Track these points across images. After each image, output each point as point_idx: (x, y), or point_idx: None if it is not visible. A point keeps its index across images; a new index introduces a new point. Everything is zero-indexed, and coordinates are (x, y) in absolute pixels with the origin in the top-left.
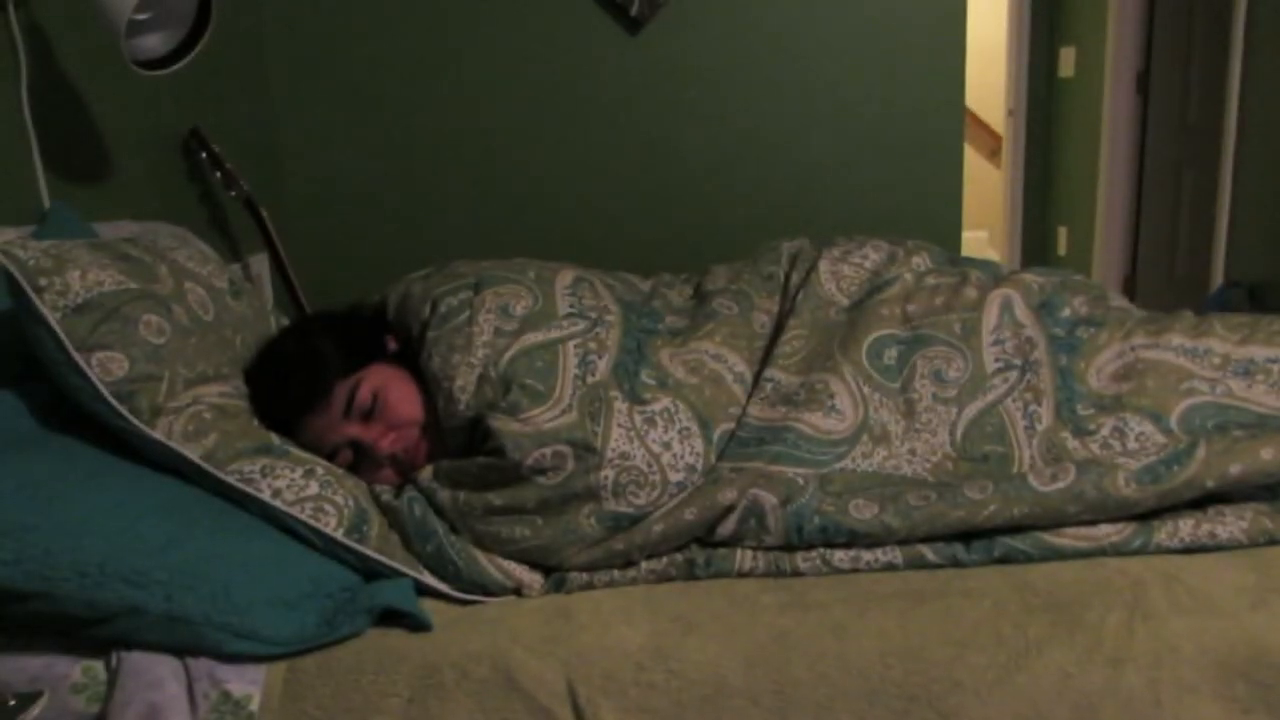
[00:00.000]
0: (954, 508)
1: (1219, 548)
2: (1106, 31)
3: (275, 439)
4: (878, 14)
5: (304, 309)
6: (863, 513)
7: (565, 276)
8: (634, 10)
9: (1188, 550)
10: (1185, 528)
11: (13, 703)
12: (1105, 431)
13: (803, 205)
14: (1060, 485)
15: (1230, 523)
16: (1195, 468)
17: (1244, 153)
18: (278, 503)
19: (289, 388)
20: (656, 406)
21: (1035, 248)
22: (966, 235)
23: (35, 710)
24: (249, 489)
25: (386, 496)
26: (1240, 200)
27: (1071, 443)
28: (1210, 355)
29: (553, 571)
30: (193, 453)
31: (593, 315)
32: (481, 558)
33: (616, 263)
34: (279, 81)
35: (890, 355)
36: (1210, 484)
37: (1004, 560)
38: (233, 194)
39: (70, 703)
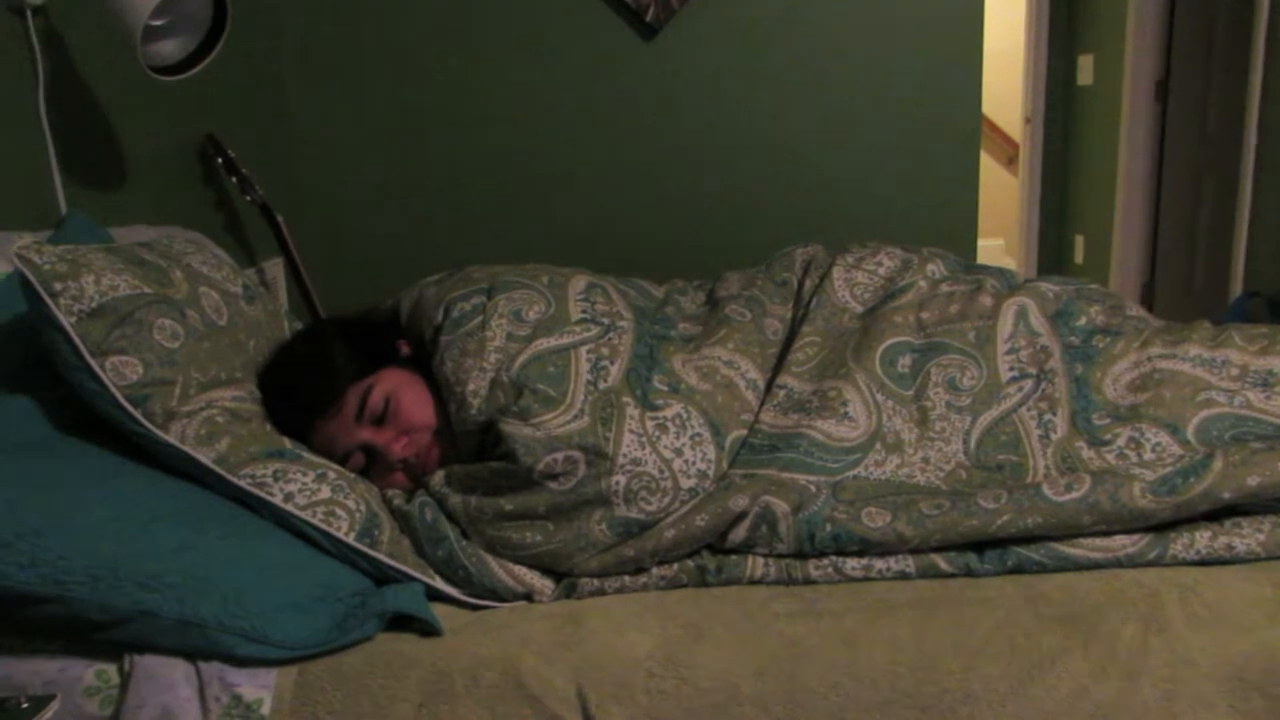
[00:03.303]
0: (967, 517)
1: (1236, 560)
2: (1125, 39)
3: (288, 443)
4: (894, 20)
5: (318, 313)
6: (875, 521)
7: (578, 282)
8: (649, 16)
9: (1204, 562)
10: (1201, 540)
11: (26, 705)
12: (1121, 442)
13: (817, 211)
14: (1075, 495)
15: (1247, 535)
16: (1212, 479)
17: (1264, 161)
18: (290, 507)
19: (302, 392)
20: (669, 412)
21: (1052, 256)
22: (982, 243)
23: (48, 713)
24: (261, 493)
25: (398, 501)
26: (1260, 209)
27: (1087, 453)
28: (1228, 366)
29: (564, 577)
30: (205, 457)
31: (605, 321)
32: (493, 563)
33: (630, 268)
34: (294, 87)
35: (904, 363)
36: (1227, 496)
37: (1018, 570)
38: (248, 199)
39: (83, 706)
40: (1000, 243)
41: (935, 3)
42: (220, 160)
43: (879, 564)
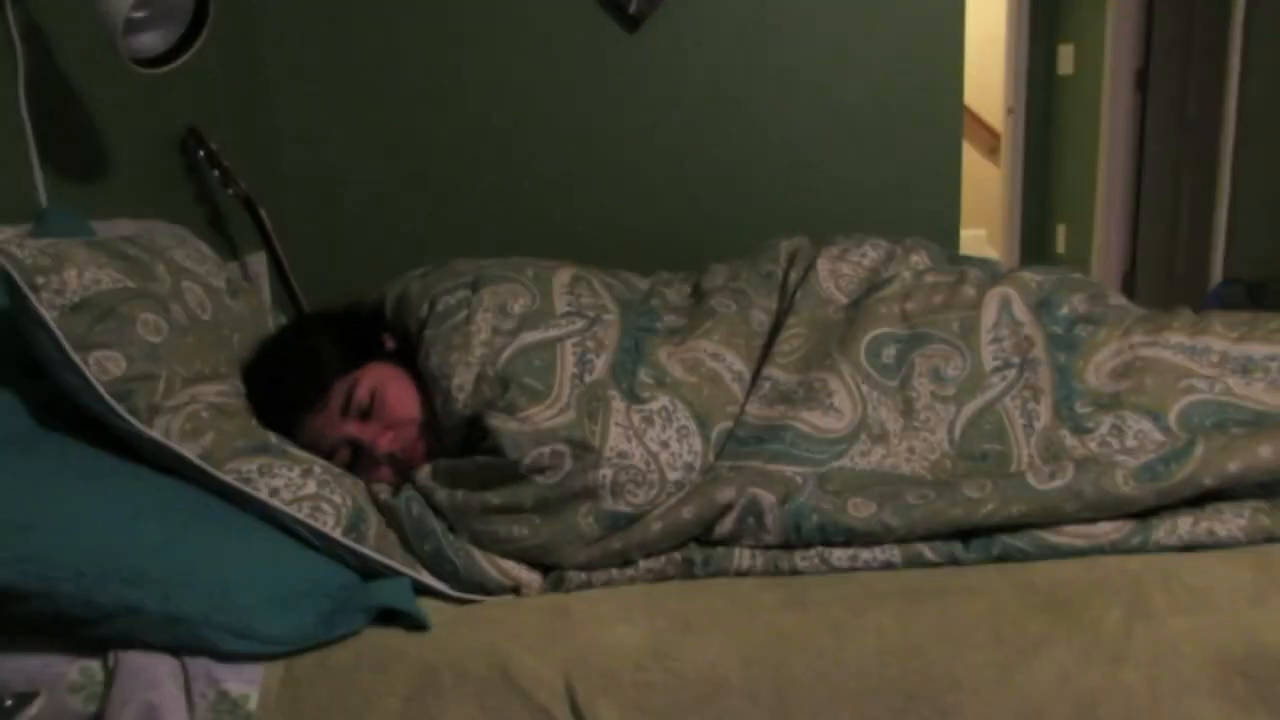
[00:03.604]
0: (952, 506)
1: (1218, 545)
2: (1105, 28)
3: (273, 438)
4: (876, 10)
5: (302, 308)
6: (861, 511)
7: (563, 275)
8: (632, 8)
9: (1186, 548)
10: (1184, 525)
11: (10, 702)
12: (1104, 429)
13: (801, 202)
14: (1059, 483)
15: (1229, 520)
16: (1194, 465)
17: (1243, 150)
18: (275, 502)
19: (286, 386)
20: (655, 405)
21: (1034, 246)
22: (965, 233)
23: (32, 710)
24: (246, 488)
25: (384, 495)
26: (1239, 198)
27: (1070, 441)
28: (1209, 353)
29: (551, 570)
30: (190, 452)
31: (591, 314)
32: (480, 557)
33: (614, 261)
34: (277, 79)
35: (889, 353)
36: (1209, 482)
37: (1003, 558)
38: (230, 192)
39: (68, 702)
40: (983, 233)
41: None
42: (202, 153)
43: (865, 554)
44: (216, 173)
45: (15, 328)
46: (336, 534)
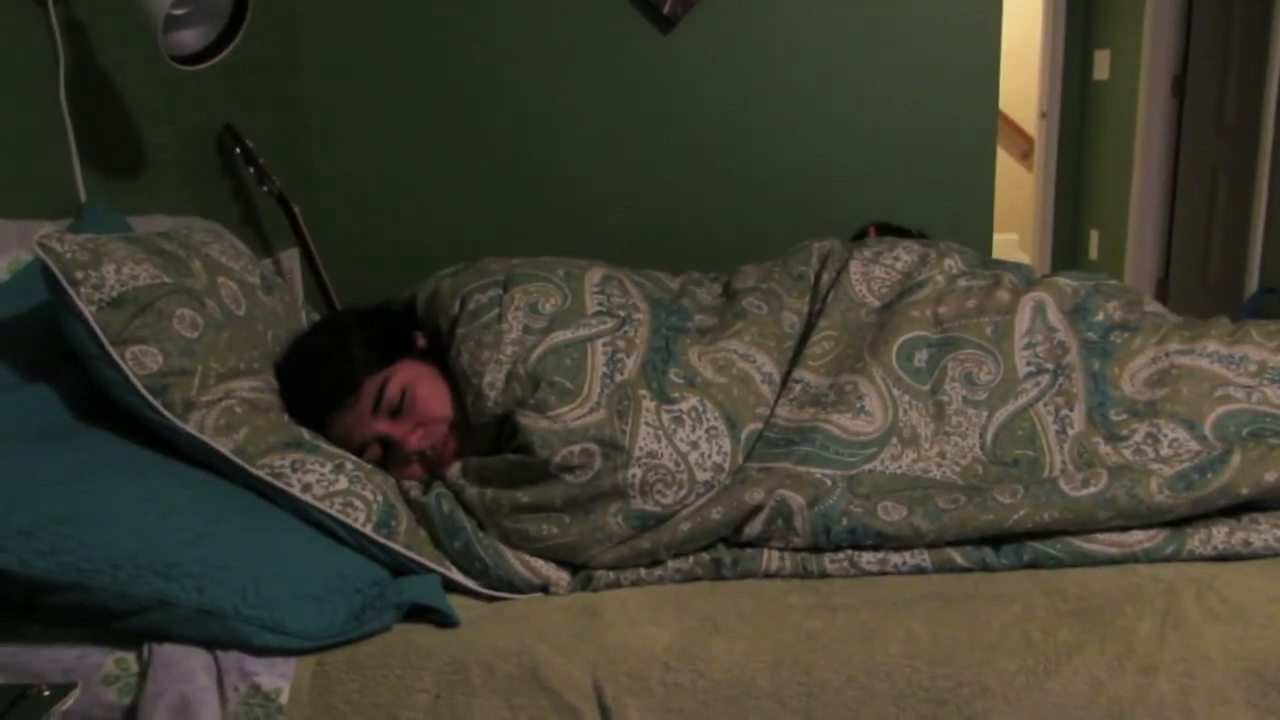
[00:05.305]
0: (983, 511)
1: (1253, 556)
2: (1143, 34)
3: (305, 434)
4: (911, 15)
5: (335, 305)
6: (891, 515)
7: (594, 274)
8: (666, 9)
9: (1221, 558)
10: (1219, 535)
11: (46, 694)
12: (1138, 437)
13: (834, 205)
14: (1092, 490)
15: (1265, 531)
16: (1229, 475)
17: None
18: (307, 497)
19: (319, 383)
20: (684, 405)
21: (1066, 251)
22: (997, 238)
23: (68, 701)
24: (279, 483)
25: (415, 493)
26: (1276, 205)
27: (1104, 448)
28: (1246, 362)
29: (580, 569)
30: (224, 447)
31: (621, 313)
32: (509, 555)
33: (646, 262)
34: (312, 78)
35: (921, 357)
36: (1245, 491)
37: (1034, 565)
38: (265, 189)
39: (102, 694)
40: (1015, 237)
41: None
42: (238, 150)
43: (895, 558)
44: (251, 170)
45: (54, 321)
46: (368, 530)
